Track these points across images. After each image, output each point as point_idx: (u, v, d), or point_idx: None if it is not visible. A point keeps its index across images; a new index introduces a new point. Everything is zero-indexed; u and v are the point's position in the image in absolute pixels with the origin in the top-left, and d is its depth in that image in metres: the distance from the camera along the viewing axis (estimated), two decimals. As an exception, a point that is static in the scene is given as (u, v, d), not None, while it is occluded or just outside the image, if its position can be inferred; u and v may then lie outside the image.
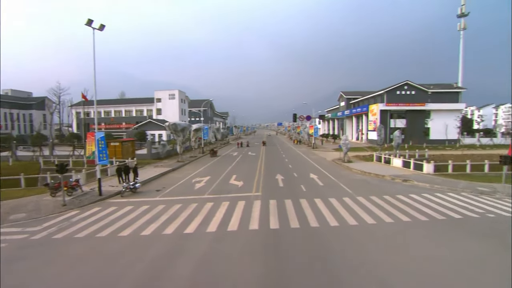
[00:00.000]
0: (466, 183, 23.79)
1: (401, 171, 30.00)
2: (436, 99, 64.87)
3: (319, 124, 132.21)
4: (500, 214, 15.81)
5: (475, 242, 11.99)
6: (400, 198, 19.07)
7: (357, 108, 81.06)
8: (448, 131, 61.12)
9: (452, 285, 8.78)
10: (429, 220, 14.74)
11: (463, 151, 48.40)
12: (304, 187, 22.78)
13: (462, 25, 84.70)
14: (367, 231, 13.22)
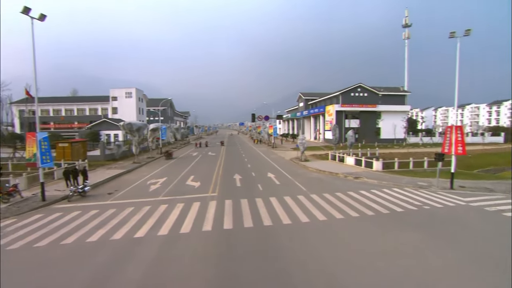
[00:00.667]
0: (409, 178, 25.78)
1: (354, 168, 31.66)
2: (386, 101, 69.47)
3: (280, 124, 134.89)
4: (434, 206, 17.39)
5: (412, 233, 13.00)
6: (351, 194, 20.08)
7: (314, 109, 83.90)
8: (396, 131, 65.86)
9: (389, 275, 9.40)
10: (375, 214, 15.70)
11: (408, 149, 52.42)
12: (261, 186, 23.05)
13: (407, 34, 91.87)
14: (318, 227, 13.71)
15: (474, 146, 61.47)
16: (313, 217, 15.12)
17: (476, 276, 9.36)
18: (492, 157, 45.53)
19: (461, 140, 21.35)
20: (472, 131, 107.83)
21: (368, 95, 69.02)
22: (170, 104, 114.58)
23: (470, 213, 16.31)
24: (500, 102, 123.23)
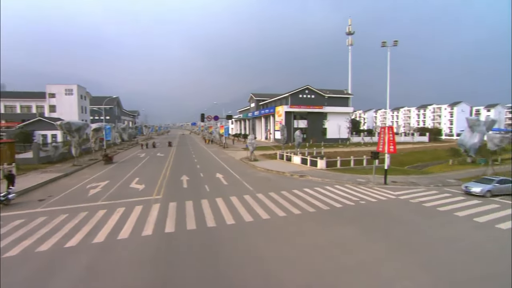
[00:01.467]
0: (350, 176, 27.64)
1: (300, 167, 32.99)
2: (331, 103, 73.49)
3: (232, 124, 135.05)
4: (369, 201, 18.95)
5: (348, 227, 13.99)
6: (295, 192, 20.90)
7: (265, 110, 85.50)
8: (341, 131, 70.12)
9: (324, 268, 9.96)
10: (316, 211, 16.54)
11: (351, 148, 56.10)
12: (208, 187, 22.88)
13: (350, 41, 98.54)
14: (261, 226, 14.02)
15: (406, 145, 68.08)
16: (257, 216, 15.43)
17: (401, 264, 10.39)
18: (419, 155, 50.81)
19: (392, 139, 23.51)
20: (405, 131, 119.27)
21: (315, 97, 72.31)
22: (117, 102, 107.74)
23: (398, 206, 18.05)
24: (425, 106, 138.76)
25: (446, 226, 14.45)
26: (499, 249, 11.82)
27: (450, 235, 13.30)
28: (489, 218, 15.54)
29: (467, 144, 34.33)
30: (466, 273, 9.83)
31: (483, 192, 20.20)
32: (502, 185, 20.96)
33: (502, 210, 17.15)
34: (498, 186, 20.76)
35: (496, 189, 20.63)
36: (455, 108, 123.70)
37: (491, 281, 9.45)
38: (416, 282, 9.09)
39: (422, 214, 16.39)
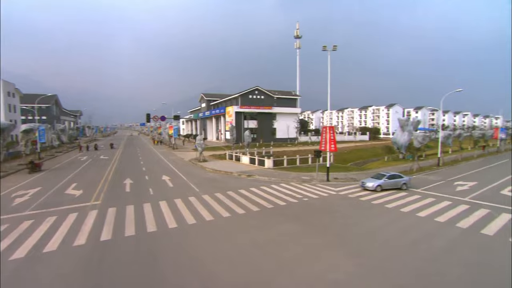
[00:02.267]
0: (295, 174, 28.72)
1: (248, 167, 33.42)
2: (280, 103, 75.61)
3: (183, 124, 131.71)
4: (311, 197, 19.92)
5: (289, 224, 14.52)
6: (241, 192, 21.12)
7: (216, 110, 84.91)
8: (289, 131, 72.54)
9: (263, 265, 10.20)
10: (260, 210, 16.89)
11: (299, 148, 58.29)
12: (152, 190, 22.02)
13: (298, 44, 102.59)
14: (204, 228, 13.88)
15: (349, 143, 72.75)
16: (201, 218, 15.28)
17: (335, 257, 11.07)
18: (360, 152, 54.65)
19: (333, 139, 24.98)
20: (349, 130, 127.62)
21: (264, 97, 73.76)
22: (56, 101, 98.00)
23: (338, 201, 19.24)
24: (366, 108, 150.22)
25: (378, 217, 15.80)
26: (423, 235, 13.19)
27: (381, 225, 14.58)
28: (410, 209, 17.35)
29: (399, 142, 37.76)
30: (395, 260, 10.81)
31: (374, 187, 21.67)
32: (391, 180, 22.33)
33: (421, 200, 19.23)
34: (388, 181, 22.14)
35: (386, 184, 22.01)
36: (391, 109, 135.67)
37: (416, 262, 10.53)
38: (347, 273, 9.73)
39: (358, 208, 17.71)
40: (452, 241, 12.52)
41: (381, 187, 21.86)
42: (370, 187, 21.81)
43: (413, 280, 9.32)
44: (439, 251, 11.45)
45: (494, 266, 10.36)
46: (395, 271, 9.90)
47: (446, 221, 15.15)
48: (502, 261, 10.71)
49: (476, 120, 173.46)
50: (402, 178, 22.90)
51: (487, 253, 11.40)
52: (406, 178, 23.03)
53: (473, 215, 16.05)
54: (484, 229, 13.98)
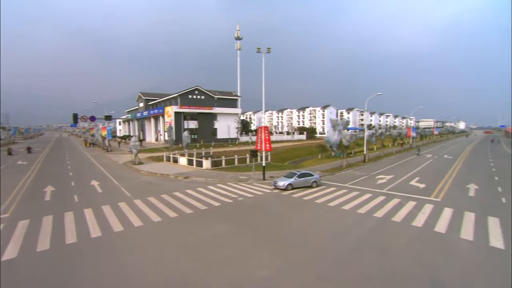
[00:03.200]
0: (233, 174, 28.96)
1: (186, 168, 32.71)
2: (221, 104, 75.57)
3: (120, 125, 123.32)
4: (247, 197, 20.31)
5: (222, 225, 14.59)
6: (176, 195, 20.57)
7: (154, 110, 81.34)
8: (230, 131, 72.92)
9: (191, 267, 10.12)
10: (193, 212, 16.66)
11: (239, 147, 58.97)
12: (77, 197, 20.18)
13: (238, 46, 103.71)
14: (132, 235, 13.17)
15: (288, 142, 75.96)
16: (129, 224, 14.49)
17: (263, 254, 11.42)
18: (298, 151, 57.37)
19: (268, 138, 25.80)
20: (288, 130, 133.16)
21: (205, 97, 72.95)
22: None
23: (272, 199, 19.94)
24: (304, 108, 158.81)
25: (308, 213, 16.78)
26: (345, 226, 14.36)
27: (310, 219, 15.51)
28: (337, 203, 18.84)
29: (331, 140, 40.57)
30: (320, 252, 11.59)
31: (285, 186, 22.05)
32: (302, 178, 22.88)
33: (347, 194, 20.99)
34: (298, 179, 22.64)
35: (296, 182, 22.48)
36: (326, 110, 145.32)
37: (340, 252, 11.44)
38: (273, 269, 10.09)
39: (290, 205, 18.56)
40: (369, 230, 13.89)
41: (292, 186, 22.30)
42: (281, 186, 22.15)
43: (333, 269, 10.10)
44: (357, 240, 12.61)
45: (399, 248, 11.78)
46: (319, 263, 10.60)
47: (365, 212, 16.70)
48: (406, 243, 12.27)
49: (396, 121, 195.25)
50: (312, 176, 23.65)
51: (394, 237, 12.93)
52: (316, 176, 23.86)
53: (387, 205, 18.04)
54: (394, 216, 15.82)
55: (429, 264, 10.44)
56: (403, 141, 65.72)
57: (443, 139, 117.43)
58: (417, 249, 11.75)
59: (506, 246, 12.03)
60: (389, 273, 9.84)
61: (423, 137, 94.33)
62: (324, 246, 12.09)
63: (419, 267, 10.23)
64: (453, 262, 10.64)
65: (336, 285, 9.14)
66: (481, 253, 11.45)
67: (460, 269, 10.17)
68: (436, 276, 9.67)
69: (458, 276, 9.72)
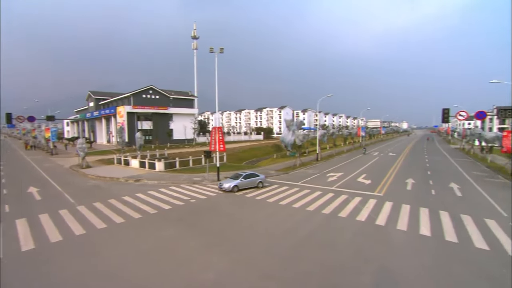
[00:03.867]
0: (187, 175, 28.43)
1: (138, 171, 31.38)
2: (177, 104, 73.69)
3: (68, 126, 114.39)
4: (199, 198, 20.07)
5: (172, 228, 14.24)
6: (125, 199, 19.65)
7: (105, 110, 76.84)
8: (187, 132, 71.40)
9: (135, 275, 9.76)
10: (142, 216, 16.03)
11: (196, 148, 58.02)
12: (9, 206, 18.24)
13: (195, 45, 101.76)
14: (72, 244, 12.27)
15: (245, 143, 76.46)
16: (70, 233, 13.48)
17: (210, 256, 11.35)
18: (255, 151, 58.11)
19: (221, 139, 25.74)
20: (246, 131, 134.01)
21: (160, 97, 70.60)
22: None
23: (224, 200, 19.93)
24: (261, 109, 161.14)
25: (259, 212, 17.03)
26: (294, 224, 14.81)
27: (261, 219, 15.77)
28: (288, 201, 19.42)
29: (285, 140, 41.52)
30: (267, 250, 11.80)
31: (230, 187, 21.67)
32: (247, 179, 22.71)
33: (299, 192, 21.71)
34: (244, 181, 22.44)
35: (242, 184, 22.27)
36: (282, 111, 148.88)
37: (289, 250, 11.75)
38: (218, 272, 10.04)
39: (243, 205, 18.71)
40: (317, 227, 14.51)
41: (238, 187, 22.01)
42: (226, 188, 21.73)
43: (279, 268, 10.35)
44: (305, 237, 13.09)
45: (343, 243, 12.47)
46: (265, 261, 10.78)
47: (314, 209, 17.38)
48: (350, 237, 13.05)
49: (348, 121, 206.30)
50: (258, 176, 23.53)
51: (340, 232, 13.67)
52: (261, 177, 23.77)
53: (335, 202, 19.01)
54: (341, 212, 16.72)
55: (368, 256, 11.21)
56: (354, 140, 69.69)
57: (389, 138, 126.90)
58: (359, 242, 12.53)
59: (432, 233, 13.39)
60: (330, 267, 10.35)
61: (371, 136, 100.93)
62: (272, 244, 12.36)
63: (359, 259, 10.93)
64: (388, 252, 11.55)
65: (279, 283, 9.37)
66: (411, 241, 12.59)
67: (393, 257, 11.07)
68: (373, 266, 10.42)
69: (392, 264, 10.55)
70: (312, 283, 9.34)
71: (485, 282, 9.44)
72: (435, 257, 11.10)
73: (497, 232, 13.72)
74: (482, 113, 25.69)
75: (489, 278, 9.64)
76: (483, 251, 11.64)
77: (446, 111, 24.82)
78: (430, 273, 9.90)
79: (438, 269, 10.21)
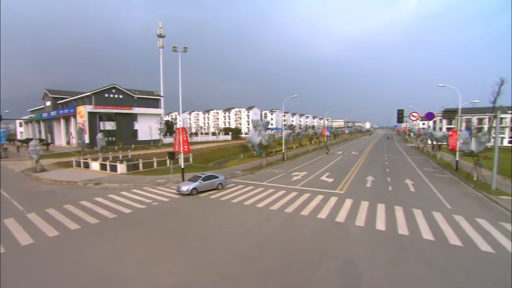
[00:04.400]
0: (151, 177, 27.64)
1: (98, 174, 29.96)
2: (142, 104, 71.29)
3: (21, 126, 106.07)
4: (162, 201, 19.60)
5: (131, 233, 13.73)
6: (82, 204, 18.64)
7: (64, 109, 72.28)
8: (153, 132, 69.35)
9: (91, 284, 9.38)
10: (100, 221, 15.30)
11: (162, 149, 56.55)
12: None
13: (161, 44, 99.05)
14: (17, 256, 11.43)
15: (213, 143, 75.85)
16: (15, 243, 12.53)
17: (170, 260, 11.15)
18: (223, 151, 57.87)
19: (185, 139, 25.34)
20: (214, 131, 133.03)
21: (123, 97, 67.88)
22: None
23: (187, 201, 19.59)
24: (230, 109, 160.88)
25: (223, 213, 16.95)
26: (257, 224, 14.93)
27: (224, 220, 15.70)
28: (252, 201, 19.55)
29: (252, 140, 41.89)
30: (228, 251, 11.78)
31: (189, 190, 20.94)
32: (207, 181, 22.18)
33: (263, 192, 21.93)
34: (203, 183, 21.90)
35: (201, 186, 21.73)
36: (250, 111, 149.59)
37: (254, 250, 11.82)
38: (178, 276, 9.87)
39: (207, 206, 18.51)
40: (279, 225, 14.74)
41: (197, 190, 21.44)
42: (185, 191, 20.98)
43: (239, 268, 10.39)
44: (267, 237, 13.24)
45: (303, 240, 12.78)
46: (226, 262, 10.77)
47: (277, 208, 17.61)
48: (310, 235, 13.42)
49: (315, 121, 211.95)
50: (217, 178, 23.11)
51: (301, 230, 14.01)
52: (221, 178, 23.33)
53: (298, 200, 19.44)
54: (303, 211, 17.13)
55: (326, 251, 11.62)
56: (319, 140, 71.77)
57: (353, 137, 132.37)
58: (318, 239, 12.94)
59: (386, 228, 14.19)
60: (290, 264, 10.57)
61: (336, 136, 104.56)
62: (234, 245, 12.38)
63: (317, 255, 11.30)
64: (345, 247, 12.06)
65: (238, 283, 9.43)
66: (368, 236, 13.22)
67: (349, 252, 11.57)
68: (329, 261, 10.82)
69: (348, 258, 11.02)
70: (272, 280, 9.51)
71: (426, 269, 10.18)
72: (387, 250, 11.77)
73: (442, 223, 14.85)
74: (431, 114, 27.71)
75: (431, 266, 10.41)
76: (429, 242, 12.53)
77: (400, 112, 26.39)
78: (382, 265, 10.47)
79: (390, 262, 10.82)
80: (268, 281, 9.47)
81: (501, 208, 17.92)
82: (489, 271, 10.15)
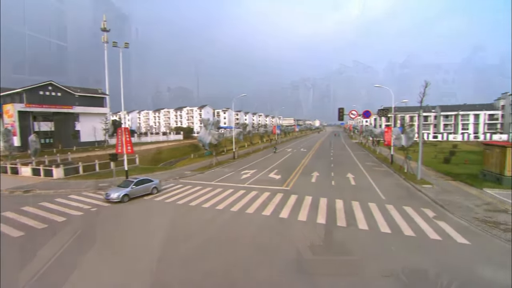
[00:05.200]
0: (92, 181, 25.86)
1: (30, 180, 27.21)
2: (84, 102, 66.20)
3: None
4: (102, 206, 18.48)
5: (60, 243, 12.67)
6: (5, 216, 16.57)
7: (-12, 108, 64.30)
8: (98, 133, 64.76)
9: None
10: (25, 233, 13.84)
11: (107, 151, 53.15)
12: None
13: (105, 38, 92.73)
14: None
15: (163, 143, 73.39)
16: None
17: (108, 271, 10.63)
18: (173, 152, 56.38)
19: (129, 140, 24.19)
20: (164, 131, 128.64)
21: (62, 94, 62.36)
22: None
23: (131, 205, 18.71)
24: (181, 108, 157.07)
25: (166, 215, 16.59)
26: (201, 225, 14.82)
27: (167, 222, 15.34)
28: (199, 201, 19.35)
29: (203, 140, 41.42)
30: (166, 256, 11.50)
31: (120, 197, 19.03)
32: (140, 186, 20.52)
33: (211, 191, 21.84)
34: (136, 188, 20.21)
35: (134, 191, 20.02)
36: (203, 110, 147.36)
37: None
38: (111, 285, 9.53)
39: (149, 209, 17.93)
40: (224, 224, 14.83)
41: (129, 196, 19.62)
42: (114, 199, 18.95)
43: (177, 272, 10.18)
44: (210, 237, 13.21)
45: (247, 238, 13.00)
46: (163, 267, 10.49)
47: (223, 207, 17.59)
48: (253, 232, 13.68)
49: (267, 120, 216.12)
50: (152, 182, 21.68)
51: (245, 228, 14.23)
52: (156, 182, 22.01)
53: (245, 198, 19.65)
54: (248, 208, 17.38)
55: (268, 247, 11.96)
56: (271, 138, 73.37)
57: (303, 135, 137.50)
58: (261, 236, 13.25)
59: (326, 221, 15.04)
60: (232, 264, 10.67)
61: (286, 133, 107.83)
62: (175, 248, 12.13)
63: (258, 252, 11.56)
64: (286, 242, 12.55)
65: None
66: (309, 230, 13.88)
67: (289, 246, 12.08)
68: (271, 257, 11.18)
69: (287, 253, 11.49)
70: (211, 282, 9.53)
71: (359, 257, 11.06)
72: (326, 242, 12.53)
73: (376, 213, 16.11)
74: (368, 112, 30.08)
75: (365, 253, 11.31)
76: (363, 232, 13.56)
77: (341, 110, 28.12)
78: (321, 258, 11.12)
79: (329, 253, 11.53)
80: (207, 283, 9.48)
81: (424, 196, 20.06)
82: (412, 254, 11.30)
